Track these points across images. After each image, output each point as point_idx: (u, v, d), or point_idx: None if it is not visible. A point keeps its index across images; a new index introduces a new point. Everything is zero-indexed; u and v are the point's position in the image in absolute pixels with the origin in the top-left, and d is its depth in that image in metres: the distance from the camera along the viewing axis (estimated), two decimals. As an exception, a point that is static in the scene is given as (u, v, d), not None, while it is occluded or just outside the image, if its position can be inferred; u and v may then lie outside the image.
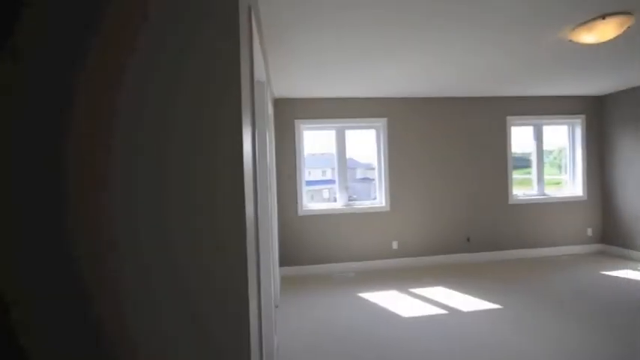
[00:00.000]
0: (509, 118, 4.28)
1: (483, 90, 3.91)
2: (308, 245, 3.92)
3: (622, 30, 2.09)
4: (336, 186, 4.14)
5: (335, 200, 4.15)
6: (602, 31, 2.08)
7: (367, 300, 3.05)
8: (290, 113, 3.90)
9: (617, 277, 3.44)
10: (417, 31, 2.19)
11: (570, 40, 2.33)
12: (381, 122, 4.05)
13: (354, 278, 3.69)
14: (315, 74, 3.02)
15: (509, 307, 2.80)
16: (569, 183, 4.54)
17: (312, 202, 4.51)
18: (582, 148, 4.42)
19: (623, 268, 3.71)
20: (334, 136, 4.10)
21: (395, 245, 4.07)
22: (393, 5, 1.83)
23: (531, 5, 1.88)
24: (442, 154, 4.17)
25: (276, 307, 2.89)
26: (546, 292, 3.11)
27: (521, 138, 4.49)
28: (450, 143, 4.19)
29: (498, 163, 4.28)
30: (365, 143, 4.27)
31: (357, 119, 4.01)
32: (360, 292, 3.26)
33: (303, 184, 3.97)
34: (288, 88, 3.49)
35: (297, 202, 3.90)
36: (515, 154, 4.40)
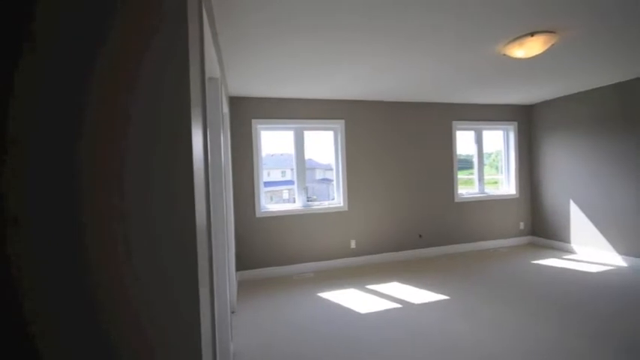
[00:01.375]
0: (454, 122, 4.62)
1: (432, 96, 4.18)
2: (267, 247, 3.85)
3: (547, 46, 2.36)
4: (294, 187, 4.12)
5: (294, 201, 4.14)
6: (531, 47, 2.33)
7: (326, 299, 3.08)
8: (247, 112, 3.80)
9: (544, 265, 3.89)
10: (369, 40, 2.28)
11: (504, 54, 2.59)
12: (339, 124, 4.13)
13: (314, 278, 3.70)
14: (272, 74, 2.98)
15: (455, 297, 3.02)
16: (505, 182, 5.04)
17: (272, 203, 4.44)
18: (515, 151, 4.93)
19: (550, 257, 4.21)
20: (292, 137, 4.08)
21: (353, 244, 4.17)
22: (348, 15, 1.87)
23: (471, 23, 2.05)
24: (396, 155, 4.37)
25: (233, 312, 2.80)
26: (486, 281, 3.41)
27: (464, 141, 4.87)
28: (403, 145, 4.40)
29: (445, 164, 4.60)
30: (324, 144, 4.32)
31: (316, 120, 4.04)
32: (320, 291, 3.28)
33: (261, 185, 3.89)
34: (245, 87, 3.40)
35: (254, 204, 3.81)
36: (459, 156, 4.76)
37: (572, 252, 4.36)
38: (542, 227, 4.85)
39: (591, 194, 4.12)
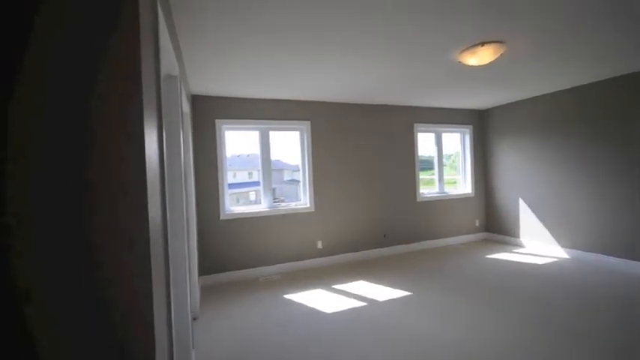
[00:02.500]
0: (416, 125, 4.83)
1: (395, 99, 4.34)
2: (232, 250, 3.75)
3: (497, 56, 2.55)
4: (260, 188, 4.06)
5: (260, 202, 4.07)
6: (482, 56, 2.51)
7: (293, 301, 3.07)
8: (210, 112, 3.69)
9: (497, 259, 4.19)
10: (332, 44, 2.31)
11: (459, 62, 2.76)
12: (305, 125, 4.14)
13: (281, 280, 3.67)
14: (236, 73, 2.92)
15: (417, 292, 3.15)
16: (462, 182, 5.36)
17: (238, 205, 4.34)
18: (471, 153, 5.26)
19: (502, 252, 4.54)
20: (258, 138, 4.02)
21: (320, 245, 4.20)
22: (309, 17, 1.89)
23: (429, 32, 2.16)
24: (361, 156, 4.47)
25: (195, 319, 2.69)
26: (446, 276, 3.59)
27: (425, 143, 5.11)
28: (368, 146, 4.52)
29: (408, 165, 4.79)
30: (292, 145, 4.30)
31: (281, 121, 4.01)
32: (287, 293, 3.26)
33: (226, 186, 3.79)
34: (208, 85, 3.30)
35: (219, 206, 3.70)
36: (421, 157, 4.98)
37: (521, 246, 4.74)
38: (495, 224, 5.22)
39: (537, 193, 4.51)
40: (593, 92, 3.77)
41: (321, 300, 3.06)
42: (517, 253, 4.44)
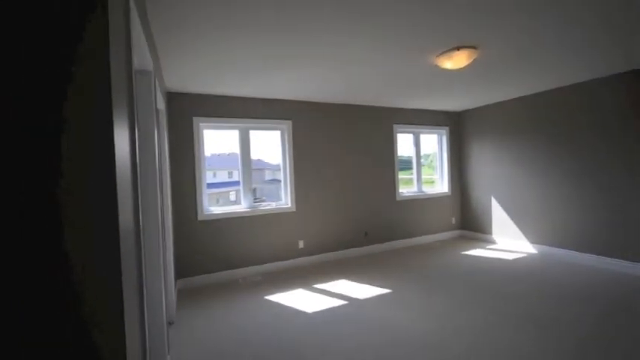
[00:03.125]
0: (395, 126, 4.92)
1: (375, 100, 4.40)
2: (210, 252, 3.67)
3: (471, 60, 2.64)
4: (240, 188, 4.00)
5: (240, 202, 4.01)
6: (457, 60, 2.59)
7: (274, 302, 3.04)
8: (187, 110, 3.59)
9: (472, 255, 4.34)
10: (312, 45, 2.31)
11: (436, 65, 2.83)
12: (286, 124, 4.11)
13: (261, 281, 3.63)
14: (214, 70, 2.85)
15: (396, 289, 3.21)
16: (439, 182, 5.51)
17: (218, 205, 4.25)
18: (447, 153, 5.42)
19: (476, 248, 4.71)
20: (238, 137, 3.95)
21: (301, 244, 4.19)
22: (290, 18, 1.88)
23: (407, 36, 2.20)
24: (342, 156, 4.50)
25: (171, 323, 2.61)
26: (424, 273, 3.69)
27: (404, 143, 5.22)
28: (349, 146, 4.55)
29: (387, 165, 4.87)
30: (273, 144, 4.27)
31: (262, 120, 3.97)
32: (267, 294, 3.23)
33: (204, 186, 3.70)
34: (185, 82, 3.20)
35: (196, 206, 3.61)
36: (400, 157, 5.07)
37: (494, 242, 4.94)
38: (470, 222, 5.40)
39: (508, 192, 4.71)
40: (560, 96, 3.98)
41: (303, 300, 3.06)
42: (490, 249, 4.62)
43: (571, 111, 3.87)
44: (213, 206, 3.88)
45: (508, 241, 4.73)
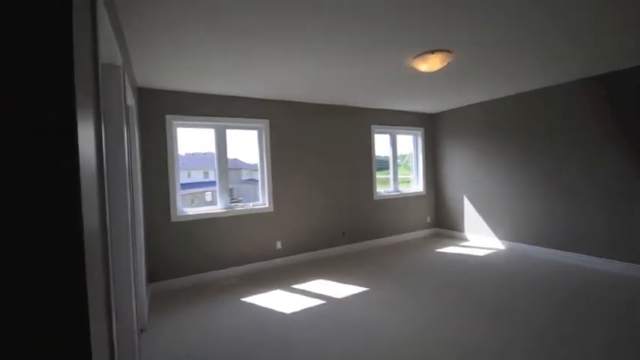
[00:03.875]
0: (372, 126, 4.99)
1: (353, 101, 4.44)
2: (185, 254, 3.55)
3: (445, 63, 2.73)
4: (217, 188, 3.90)
5: (216, 203, 3.91)
6: (432, 63, 2.66)
7: (251, 303, 2.99)
8: (160, 107, 3.45)
9: (445, 253, 4.49)
10: (286, 44, 2.29)
11: (412, 67, 2.90)
12: (263, 123, 4.05)
13: (238, 283, 3.56)
14: (188, 66, 2.76)
15: (373, 287, 3.26)
16: (415, 181, 5.66)
17: (193, 206, 4.12)
18: (422, 153, 5.57)
19: (450, 245, 4.88)
20: (214, 136, 3.85)
21: (279, 245, 4.15)
22: (267, 14, 1.85)
23: (383, 38, 2.23)
24: (320, 156, 4.50)
25: (143, 331, 2.50)
26: (400, 270, 3.77)
27: (382, 144, 5.31)
28: (327, 146, 4.57)
29: (365, 165, 4.94)
30: (250, 144, 4.19)
31: (239, 119, 3.89)
32: (244, 296, 3.17)
33: (178, 186, 3.57)
34: (157, 78, 3.07)
35: (170, 207, 3.48)
36: (378, 157, 5.16)
37: (466, 240, 5.14)
38: (444, 220, 5.59)
39: (479, 191, 4.91)
40: (525, 101, 4.21)
41: (281, 301, 3.03)
42: (462, 246, 4.81)
43: (534, 115, 4.10)
44: (187, 207, 3.76)
45: (479, 238, 4.94)
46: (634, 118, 3.25)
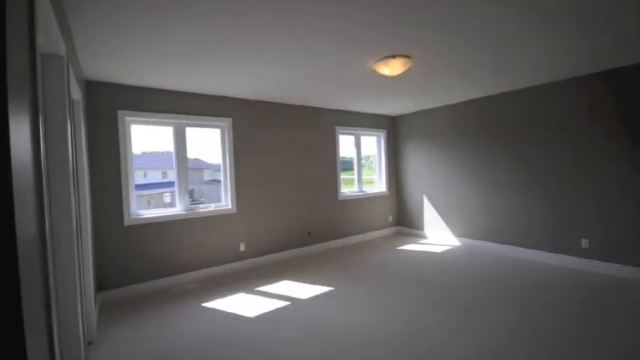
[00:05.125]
0: (337, 127, 5.06)
1: (318, 102, 4.47)
2: (140, 259, 3.33)
3: (406, 68, 2.84)
4: (175, 189, 3.71)
5: (175, 205, 3.71)
6: (393, 67, 2.76)
7: (212, 309, 2.88)
8: (111, 102, 3.20)
9: (406, 250, 4.68)
10: (251, 42, 2.25)
11: (374, 71, 2.99)
12: (226, 122, 3.93)
13: (199, 288, 3.42)
14: (143, 59, 2.59)
15: (338, 286, 3.30)
16: (378, 182, 5.84)
17: (150, 208, 3.88)
18: (385, 155, 5.77)
19: (410, 243, 5.09)
20: (172, 134, 3.66)
21: (242, 247, 4.05)
22: (234, 13, 1.80)
23: (346, 42, 2.28)
24: (285, 156, 4.47)
25: (91, 343, 2.30)
26: (363, 268, 3.86)
27: (346, 145, 5.40)
28: (292, 147, 4.54)
29: (330, 165, 4.99)
30: (212, 143, 4.03)
31: (200, 117, 3.73)
32: (205, 301, 3.05)
33: (132, 187, 3.34)
34: (108, 71, 2.85)
35: (122, 209, 3.24)
36: (342, 158, 5.24)
37: (426, 237, 5.40)
38: (405, 219, 5.83)
39: (437, 191, 5.20)
40: (482, 105, 4.53)
41: (244, 304, 2.96)
42: (422, 243, 5.05)
43: (487, 120, 4.43)
44: (143, 209, 3.53)
45: (437, 235, 5.22)
46: (574, 124, 3.64)
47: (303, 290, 3.25)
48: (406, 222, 5.80)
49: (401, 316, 2.61)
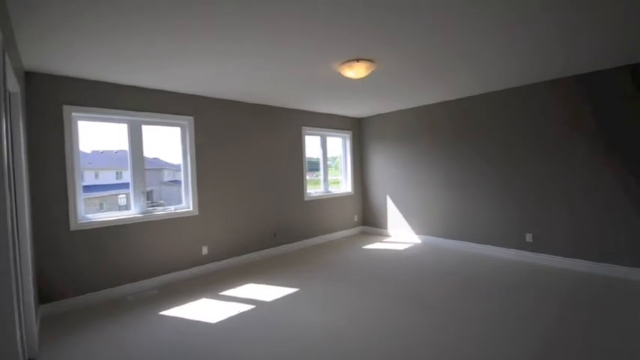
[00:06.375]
0: (303, 128, 5.07)
1: (284, 102, 4.44)
2: (89, 267, 3.07)
3: (369, 72, 2.92)
4: (130, 190, 3.48)
5: (130, 207, 3.48)
6: (358, 70, 2.83)
7: (172, 316, 2.75)
8: (55, 95, 2.92)
9: (371, 249, 4.81)
10: (215, 40, 2.19)
11: (339, 73, 3.04)
12: (187, 120, 3.77)
13: (157, 295, 3.23)
14: (93, 49, 2.39)
15: (303, 287, 3.31)
16: (344, 182, 5.93)
17: (101, 211, 3.60)
18: (350, 156, 5.88)
19: (375, 242, 5.24)
20: (127, 132, 3.43)
21: (205, 250, 3.90)
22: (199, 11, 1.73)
23: (311, 44, 2.29)
24: (249, 156, 4.39)
25: (31, 361, 2.08)
26: (329, 268, 3.91)
27: (312, 145, 5.42)
28: (256, 147, 4.47)
29: (296, 166, 4.98)
30: (173, 142, 3.84)
31: (158, 114, 3.53)
32: (164, 309, 2.89)
33: (79, 188, 3.08)
34: (52, 61, 2.59)
35: (68, 213, 2.97)
36: (309, 159, 5.25)
37: (389, 236, 5.59)
38: (369, 218, 5.99)
39: (400, 191, 5.40)
40: (443, 108, 4.78)
41: (206, 310, 2.85)
42: (385, 242, 5.22)
43: (446, 122, 4.69)
44: (93, 212, 3.26)
45: (400, 233, 5.42)
46: (537, 129, 3.98)
47: (268, 292, 3.21)
48: (371, 221, 5.96)
49: (366, 314, 2.67)
